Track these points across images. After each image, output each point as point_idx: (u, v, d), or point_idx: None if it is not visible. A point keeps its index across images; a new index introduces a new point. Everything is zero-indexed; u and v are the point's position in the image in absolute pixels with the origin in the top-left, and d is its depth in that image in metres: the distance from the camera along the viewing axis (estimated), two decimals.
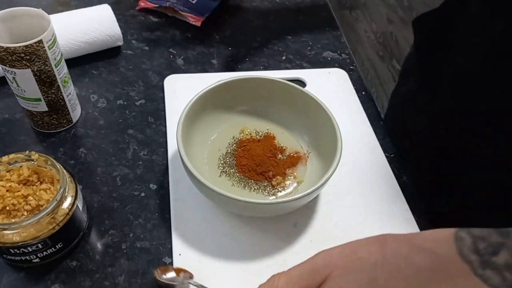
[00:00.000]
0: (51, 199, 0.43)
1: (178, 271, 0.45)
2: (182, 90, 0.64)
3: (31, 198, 0.44)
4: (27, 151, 0.45)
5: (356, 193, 0.54)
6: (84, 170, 0.55)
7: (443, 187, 0.61)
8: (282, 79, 0.56)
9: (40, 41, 0.48)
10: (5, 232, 0.41)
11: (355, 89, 0.67)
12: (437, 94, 0.57)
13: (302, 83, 0.67)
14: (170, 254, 0.47)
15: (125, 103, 0.63)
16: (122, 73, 0.67)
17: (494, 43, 0.48)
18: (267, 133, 0.57)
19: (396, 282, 0.31)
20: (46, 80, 0.52)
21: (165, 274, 0.44)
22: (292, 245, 0.49)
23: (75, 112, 0.59)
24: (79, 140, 0.58)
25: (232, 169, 0.54)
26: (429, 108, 0.59)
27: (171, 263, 0.46)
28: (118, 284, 0.45)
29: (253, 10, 0.81)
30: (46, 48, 0.49)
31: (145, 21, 0.77)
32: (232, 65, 0.70)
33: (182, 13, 0.75)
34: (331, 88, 0.67)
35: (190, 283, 0.44)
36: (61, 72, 0.54)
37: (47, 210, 0.41)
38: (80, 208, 0.46)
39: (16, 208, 0.43)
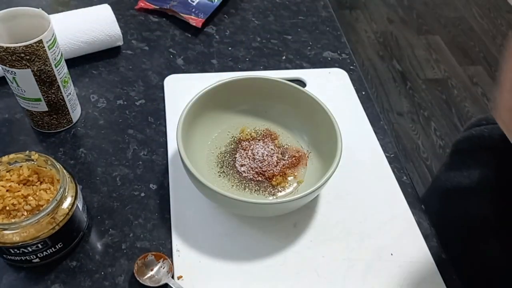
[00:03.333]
0: (51, 199, 0.43)
1: (159, 257, 0.46)
2: (182, 90, 0.64)
3: (31, 198, 0.44)
4: (27, 151, 0.45)
5: (356, 193, 0.54)
6: (84, 170, 0.55)
7: None
8: (282, 79, 0.56)
9: (40, 41, 0.48)
10: (5, 232, 0.41)
11: (355, 89, 0.67)
12: None
13: (302, 83, 0.67)
14: (170, 254, 0.47)
15: (125, 103, 0.63)
16: (122, 73, 0.67)
17: None
18: (268, 132, 0.57)
19: None
20: (46, 80, 0.52)
21: (145, 260, 0.46)
22: (292, 245, 0.49)
23: (75, 112, 0.59)
24: (79, 140, 0.58)
25: (232, 169, 0.54)
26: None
27: (171, 263, 0.46)
28: (118, 284, 0.45)
29: (253, 10, 0.81)
30: (46, 48, 0.49)
31: (145, 21, 0.76)
32: (232, 65, 0.70)
33: (182, 15, 0.75)
34: (331, 88, 0.67)
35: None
36: (61, 72, 0.54)
37: (47, 210, 0.41)
38: (80, 208, 0.46)
39: (16, 208, 0.43)
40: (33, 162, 0.45)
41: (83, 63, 0.67)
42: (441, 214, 0.60)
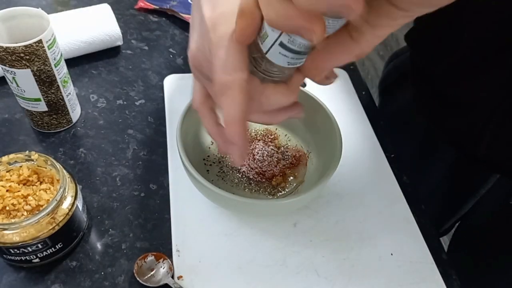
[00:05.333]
0: (51, 199, 0.43)
1: (159, 257, 0.46)
2: (182, 90, 0.64)
3: (31, 198, 0.44)
4: (27, 151, 0.45)
5: (356, 193, 0.54)
6: (84, 170, 0.54)
7: None
8: None
9: (40, 41, 0.48)
10: (5, 232, 0.41)
11: (355, 89, 0.67)
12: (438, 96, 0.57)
13: (302, 83, 0.67)
14: (170, 254, 0.47)
15: (125, 103, 0.63)
16: (122, 73, 0.67)
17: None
18: (268, 132, 0.57)
19: None
20: (45, 80, 0.52)
21: (145, 260, 0.46)
22: (292, 245, 0.49)
23: (75, 112, 0.59)
24: (78, 140, 0.58)
25: (232, 169, 0.53)
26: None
27: (171, 263, 0.46)
28: (118, 284, 0.45)
29: None
30: (46, 48, 0.49)
31: (145, 20, 0.76)
32: None
33: (182, 15, 0.75)
34: (331, 88, 0.67)
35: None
36: (61, 72, 0.54)
37: (47, 210, 0.41)
38: (80, 208, 0.46)
39: (16, 208, 0.43)
40: (33, 162, 0.45)
41: (83, 63, 0.67)
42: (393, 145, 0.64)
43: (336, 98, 0.65)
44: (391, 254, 0.49)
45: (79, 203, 0.46)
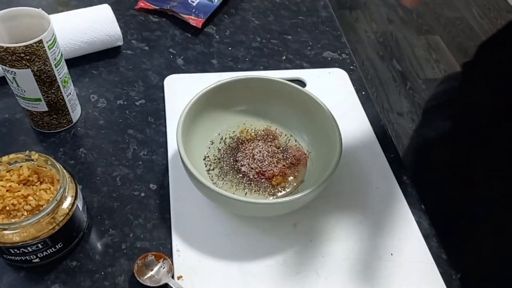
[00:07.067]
0: (51, 199, 0.43)
1: (159, 257, 0.46)
2: (182, 90, 0.64)
3: (31, 198, 0.44)
4: (27, 151, 0.45)
5: (356, 193, 0.54)
6: (84, 170, 0.55)
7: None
8: (282, 79, 0.56)
9: (40, 41, 0.48)
10: (5, 232, 0.41)
11: (355, 89, 0.67)
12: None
13: (302, 83, 0.67)
14: (170, 254, 0.47)
15: (125, 103, 0.63)
16: (122, 73, 0.67)
17: None
18: (268, 132, 0.57)
19: None
20: (46, 80, 0.52)
21: (145, 260, 0.46)
22: (292, 245, 0.49)
23: (75, 112, 0.59)
24: (79, 140, 0.58)
25: (232, 169, 0.54)
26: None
27: (171, 263, 0.46)
28: (118, 284, 0.45)
29: (253, 10, 0.81)
30: (46, 48, 0.49)
31: (145, 21, 0.76)
32: (232, 65, 0.70)
33: (182, 15, 0.75)
34: (331, 88, 0.67)
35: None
36: (61, 72, 0.54)
37: (47, 210, 0.41)
38: (80, 208, 0.46)
39: (16, 208, 0.43)
40: (33, 162, 0.45)
41: (83, 63, 0.67)
42: (417, 166, 0.64)
43: (336, 98, 0.65)
44: (391, 254, 0.49)
45: (79, 203, 0.46)
